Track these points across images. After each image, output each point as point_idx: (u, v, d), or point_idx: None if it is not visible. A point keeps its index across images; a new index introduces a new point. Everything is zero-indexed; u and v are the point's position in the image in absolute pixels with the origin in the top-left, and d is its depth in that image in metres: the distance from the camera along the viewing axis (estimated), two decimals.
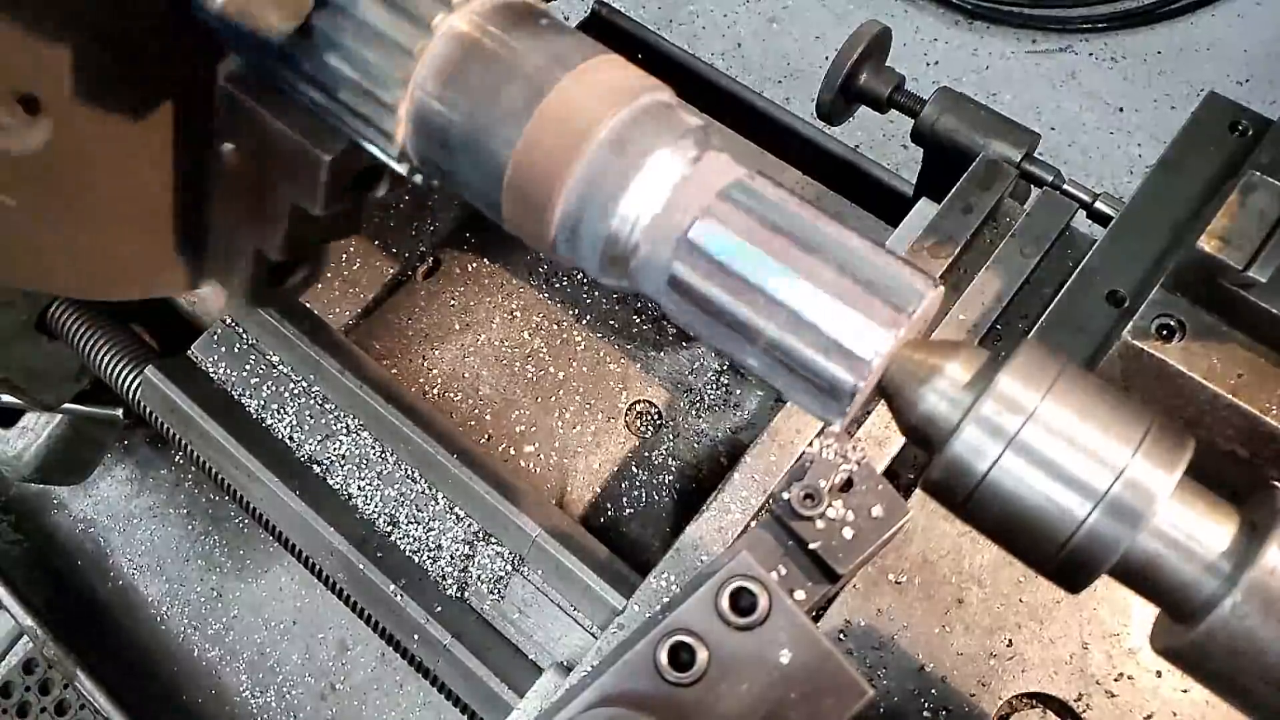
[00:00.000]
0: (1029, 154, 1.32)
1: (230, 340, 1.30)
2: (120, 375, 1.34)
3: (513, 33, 0.65)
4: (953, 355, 0.63)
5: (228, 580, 1.61)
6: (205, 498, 1.68)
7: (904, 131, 1.67)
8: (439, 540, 1.18)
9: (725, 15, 3.20)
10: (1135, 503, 0.58)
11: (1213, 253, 0.88)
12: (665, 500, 1.35)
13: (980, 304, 1.22)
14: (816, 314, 0.58)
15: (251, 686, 1.55)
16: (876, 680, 1.00)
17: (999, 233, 1.28)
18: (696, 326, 0.64)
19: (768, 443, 1.13)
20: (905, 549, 1.05)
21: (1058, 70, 3.01)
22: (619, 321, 1.47)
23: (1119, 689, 0.99)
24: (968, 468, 0.60)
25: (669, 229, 0.61)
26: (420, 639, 1.14)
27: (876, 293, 0.58)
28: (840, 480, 0.76)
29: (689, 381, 1.42)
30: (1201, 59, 2.97)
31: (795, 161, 1.64)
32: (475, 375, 1.43)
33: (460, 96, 0.64)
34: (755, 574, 0.70)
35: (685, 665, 0.68)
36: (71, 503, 1.73)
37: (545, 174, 0.62)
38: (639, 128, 0.62)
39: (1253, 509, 0.62)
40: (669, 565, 1.07)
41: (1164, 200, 1.11)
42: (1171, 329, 0.96)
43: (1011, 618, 1.02)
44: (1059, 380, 0.60)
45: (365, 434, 1.24)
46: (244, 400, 1.27)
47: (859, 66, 1.43)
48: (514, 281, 1.50)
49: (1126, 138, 2.89)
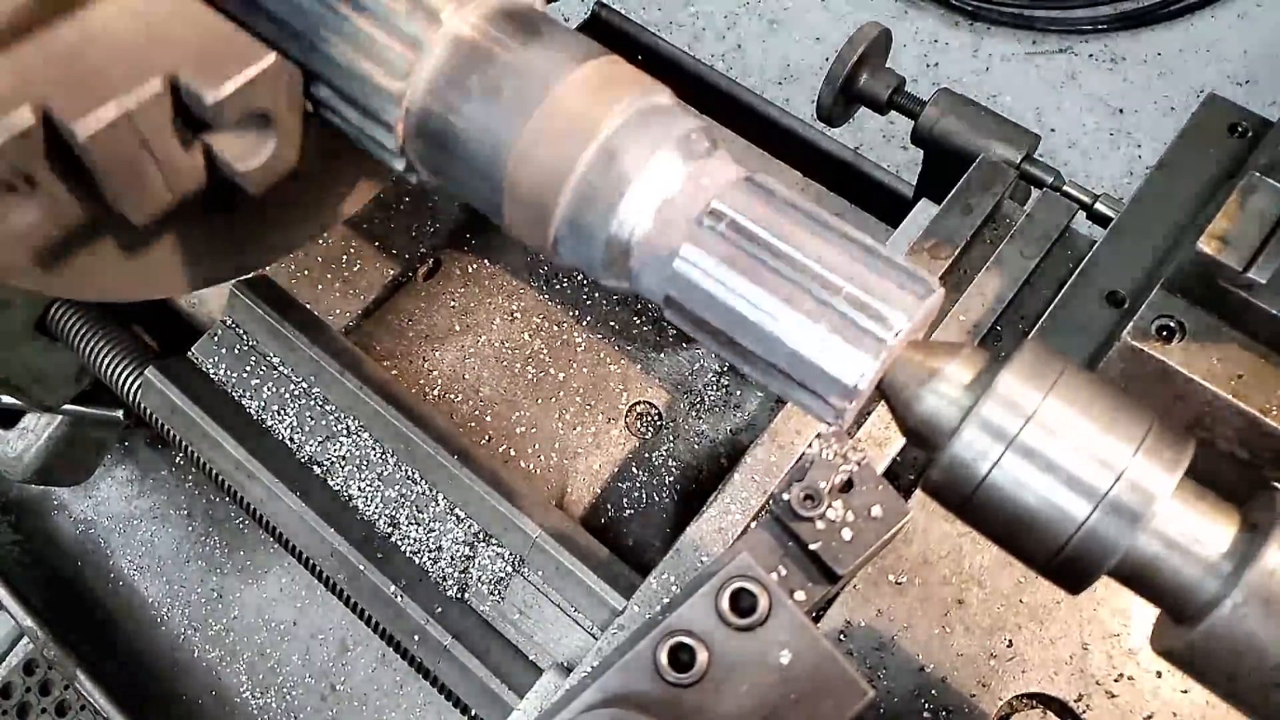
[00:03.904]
0: (1029, 155, 1.32)
1: (231, 341, 1.30)
2: (120, 376, 1.34)
3: (512, 35, 0.65)
4: (953, 356, 0.63)
5: (228, 581, 1.62)
6: (205, 499, 1.68)
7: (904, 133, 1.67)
8: (439, 541, 1.18)
9: (725, 17, 3.20)
10: (1135, 503, 0.58)
11: (1213, 254, 0.88)
12: (665, 501, 1.35)
13: (980, 305, 1.22)
14: (803, 342, 0.59)
15: (252, 687, 1.55)
16: (877, 681, 1.00)
17: (999, 234, 1.28)
18: (695, 336, 0.64)
19: (768, 444, 1.14)
20: (905, 550, 1.05)
21: (1058, 72, 3.01)
22: (619, 322, 1.47)
23: (1119, 689, 0.99)
24: (968, 469, 0.60)
25: (662, 246, 0.61)
26: (420, 640, 1.14)
27: (863, 314, 0.58)
28: (840, 481, 0.76)
29: (689, 382, 1.42)
30: (1201, 60, 2.97)
31: (795, 163, 1.64)
32: (476, 376, 1.43)
33: (460, 98, 0.64)
34: (755, 575, 0.70)
35: (685, 666, 0.68)
36: (72, 504, 1.73)
37: (545, 176, 0.62)
38: (639, 130, 0.62)
39: (1253, 510, 0.62)
40: (669, 566, 1.07)
41: (1164, 201, 1.11)
42: (1171, 329, 0.96)
43: (1012, 618, 1.02)
44: (1059, 381, 0.60)
45: (366, 435, 1.24)
46: (244, 401, 1.27)
47: (859, 68, 1.43)
48: (514, 283, 1.50)
49: (1126, 139, 2.89)
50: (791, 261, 0.59)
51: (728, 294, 0.60)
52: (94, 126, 0.63)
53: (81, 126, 0.62)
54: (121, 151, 0.65)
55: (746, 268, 0.60)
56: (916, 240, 1.25)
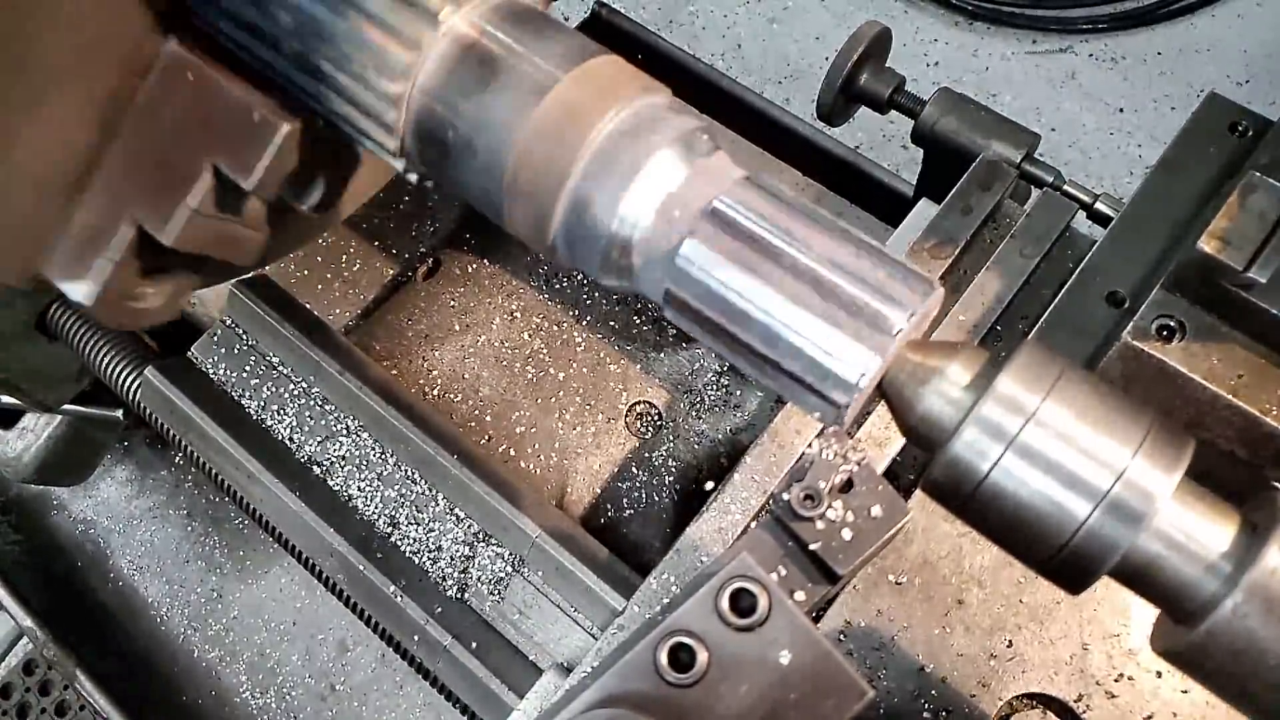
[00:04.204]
0: (1029, 155, 1.32)
1: (230, 341, 1.30)
2: (120, 376, 1.34)
3: (513, 34, 0.65)
4: (953, 356, 0.63)
5: (228, 581, 1.61)
6: (205, 499, 1.68)
7: (904, 132, 1.67)
8: (439, 541, 1.18)
9: (725, 16, 3.20)
10: (1135, 503, 0.58)
11: (1213, 253, 0.88)
12: (665, 501, 1.35)
13: (980, 304, 1.22)
14: (805, 339, 0.59)
15: (251, 687, 1.55)
16: (877, 681, 1.00)
17: (999, 233, 1.28)
18: (695, 334, 0.64)
19: (768, 443, 1.13)
20: (905, 550, 1.05)
21: (1058, 71, 3.01)
22: (619, 322, 1.47)
23: (1119, 690, 0.99)
24: (968, 469, 0.60)
25: (663, 245, 0.61)
26: (420, 640, 1.14)
27: (865, 312, 0.58)
28: (840, 481, 0.76)
29: (689, 382, 1.42)
30: (1201, 60, 2.97)
31: (795, 162, 1.64)
32: (475, 376, 1.43)
33: (460, 98, 0.64)
34: (755, 575, 0.70)
35: (685, 666, 0.68)
36: (71, 504, 1.73)
37: (545, 175, 0.62)
38: (639, 129, 0.62)
39: (1253, 510, 0.62)
40: (669, 566, 1.07)
41: (1164, 201, 1.11)
42: (1171, 329, 0.96)
43: (1012, 618, 1.02)
44: (1059, 381, 0.60)
45: (365, 435, 1.24)
46: (244, 401, 1.27)
47: (859, 67, 1.43)
48: (514, 282, 1.50)
49: (1126, 138, 2.89)
50: (792, 260, 0.59)
51: (728, 292, 0.60)
52: (175, 230, 0.74)
53: (167, 235, 0.75)
54: (204, 231, 0.76)
55: (747, 266, 0.60)
56: (916, 240, 1.25)
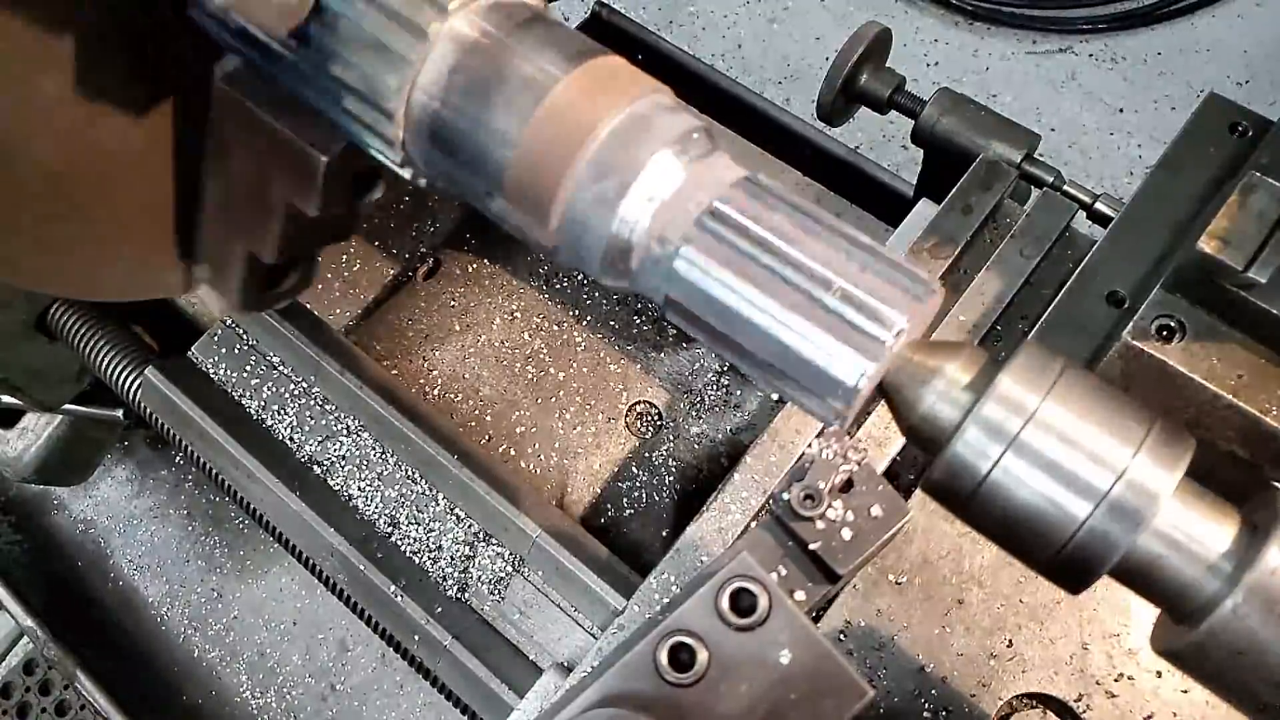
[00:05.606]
0: (1029, 155, 1.32)
1: (230, 341, 1.30)
2: (120, 376, 1.34)
3: (512, 34, 0.64)
4: (953, 356, 0.63)
5: (228, 581, 1.61)
6: (205, 499, 1.68)
7: (904, 132, 1.67)
8: (439, 541, 1.18)
9: (725, 16, 3.20)
10: (1136, 503, 0.58)
11: (1213, 253, 0.88)
12: (665, 501, 1.35)
13: (980, 305, 1.22)
14: (804, 341, 0.59)
15: (252, 687, 1.55)
16: (876, 681, 1.00)
17: (999, 233, 1.28)
18: (695, 335, 0.64)
19: (768, 443, 1.13)
20: (905, 549, 1.05)
21: (1058, 71, 3.01)
22: (619, 322, 1.47)
23: (1119, 689, 0.99)
24: (969, 468, 0.60)
25: (661, 248, 0.61)
26: (420, 639, 1.14)
27: (865, 312, 0.58)
28: (840, 481, 0.76)
29: (689, 382, 1.42)
30: (1201, 60, 2.97)
31: (795, 162, 1.64)
32: (475, 376, 1.43)
33: (460, 98, 0.64)
34: (755, 574, 0.70)
35: (685, 666, 0.68)
36: (71, 503, 1.73)
37: (545, 176, 0.62)
38: (639, 130, 0.62)
39: (1253, 510, 0.62)
40: (669, 566, 1.07)
41: (1164, 201, 1.11)
42: (1171, 329, 0.96)
43: (1012, 618, 1.02)
44: (1059, 381, 0.60)
45: (365, 435, 1.24)
46: (244, 401, 1.27)
47: (859, 67, 1.43)
48: (514, 282, 1.50)
49: (1126, 139, 2.89)
50: (792, 261, 0.59)
51: (728, 294, 0.60)
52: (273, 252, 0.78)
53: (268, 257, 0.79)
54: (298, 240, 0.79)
55: (745, 269, 0.60)
56: (916, 240, 1.25)
